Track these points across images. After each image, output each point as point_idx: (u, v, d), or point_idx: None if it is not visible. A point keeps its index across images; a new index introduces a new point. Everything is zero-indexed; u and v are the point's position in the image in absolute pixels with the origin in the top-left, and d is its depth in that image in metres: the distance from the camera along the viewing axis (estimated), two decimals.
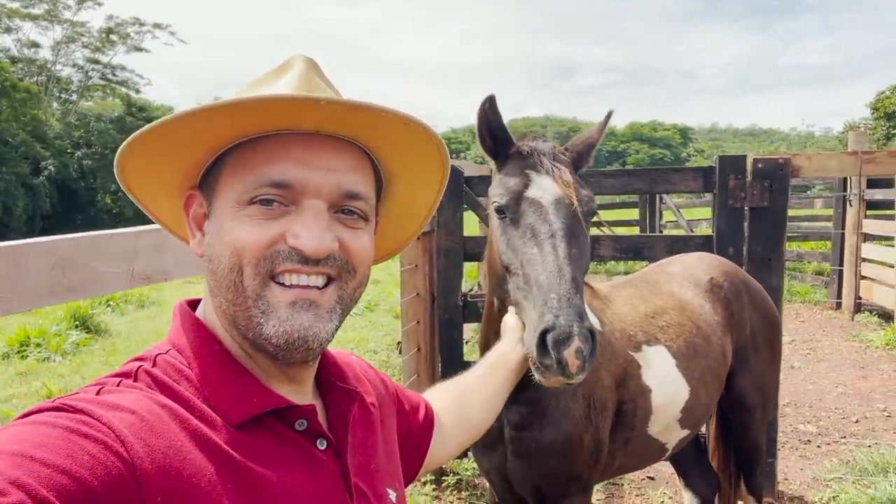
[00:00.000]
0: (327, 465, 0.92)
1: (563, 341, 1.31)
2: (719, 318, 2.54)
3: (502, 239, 1.60)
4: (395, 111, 0.89)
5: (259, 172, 0.87)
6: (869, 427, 4.95)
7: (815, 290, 10.19)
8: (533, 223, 1.54)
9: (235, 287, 0.86)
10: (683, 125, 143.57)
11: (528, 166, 1.63)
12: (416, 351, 3.96)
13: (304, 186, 0.87)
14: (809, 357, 6.94)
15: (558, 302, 1.36)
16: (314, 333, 0.87)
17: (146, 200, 1.00)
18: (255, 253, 0.85)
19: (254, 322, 0.86)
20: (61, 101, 55.92)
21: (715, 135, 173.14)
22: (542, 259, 1.47)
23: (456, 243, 3.87)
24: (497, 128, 1.67)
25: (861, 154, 3.55)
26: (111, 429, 0.71)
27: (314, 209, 0.87)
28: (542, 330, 1.35)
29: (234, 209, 0.87)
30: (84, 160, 46.93)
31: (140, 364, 0.86)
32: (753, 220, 3.58)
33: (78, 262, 1.32)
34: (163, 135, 0.86)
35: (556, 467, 1.95)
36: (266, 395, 0.88)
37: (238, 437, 0.83)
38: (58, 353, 7.53)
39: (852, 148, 8.24)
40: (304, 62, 0.96)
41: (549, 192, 1.58)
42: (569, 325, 1.32)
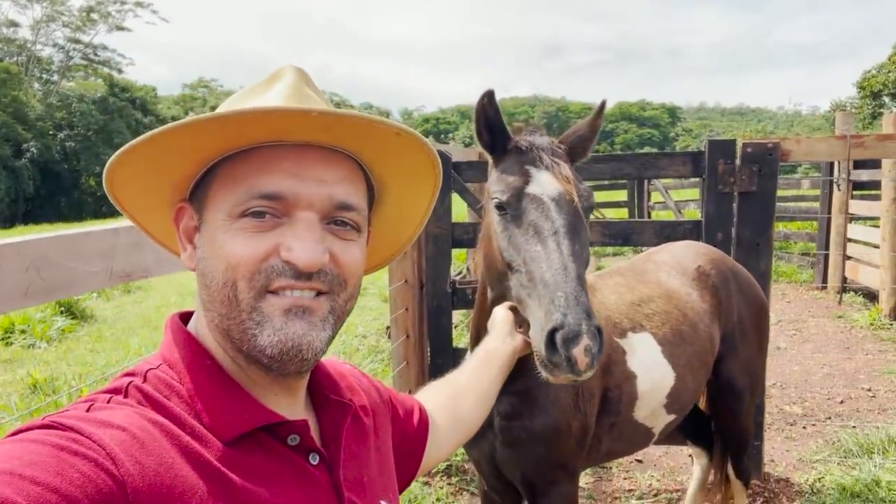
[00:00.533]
0: (320, 480, 0.91)
1: (573, 339, 1.32)
2: (707, 305, 2.56)
3: (504, 236, 1.59)
4: (387, 122, 0.89)
5: (250, 184, 0.86)
6: (854, 408, 5.01)
7: (802, 270, 10.27)
8: (535, 220, 1.54)
9: (230, 301, 0.86)
10: (672, 104, 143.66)
11: (528, 162, 1.62)
12: (405, 338, 3.94)
13: (296, 198, 0.86)
14: (795, 338, 7.00)
15: (566, 300, 1.37)
16: (308, 342, 0.87)
17: (136, 213, 0.99)
18: (249, 268, 0.85)
19: (248, 334, 0.85)
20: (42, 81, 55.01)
21: (703, 114, 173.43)
22: (547, 257, 1.47)
23: (444, 229, 3.84)
24: (495, 123, 1.66)
25: (850, 138, 3.54)
26: (101, 446, 0.71)
27: (306, 221, 0.87)
28: (551, 328, 1.35)
29: (226, 222, 0.86)
30: (67, 142, 46.27)
31: (131, 380, 0.85)
32: (742, 205, 3.58)
33: (53, 262, 1.28)
34: (152, 146, 0.85)
35: (544, 455, 1.97)
36: (258, 410, 0.88)
37: (230, 454, 0.82)
38: (43, 340, 7.47)
39: (839, 129, 8.26)
40: (294, 73, 0.96)
41: (550, 188, 1.57)
42: (577, 324, 1.33)
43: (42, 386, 5.43)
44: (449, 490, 3.79)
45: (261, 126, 0.84)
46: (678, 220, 4.29)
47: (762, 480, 3.79)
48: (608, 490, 3.83)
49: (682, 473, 3.96)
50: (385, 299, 7.71)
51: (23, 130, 44.20)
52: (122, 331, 7.96)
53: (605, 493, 3.80)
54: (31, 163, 44.17)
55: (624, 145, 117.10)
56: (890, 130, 6.88)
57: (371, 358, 6.16)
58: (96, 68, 56.64)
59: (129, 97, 53.30)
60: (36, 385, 5.45)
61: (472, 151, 6.03)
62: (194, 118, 0.81)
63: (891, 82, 34.73)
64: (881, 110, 35.18)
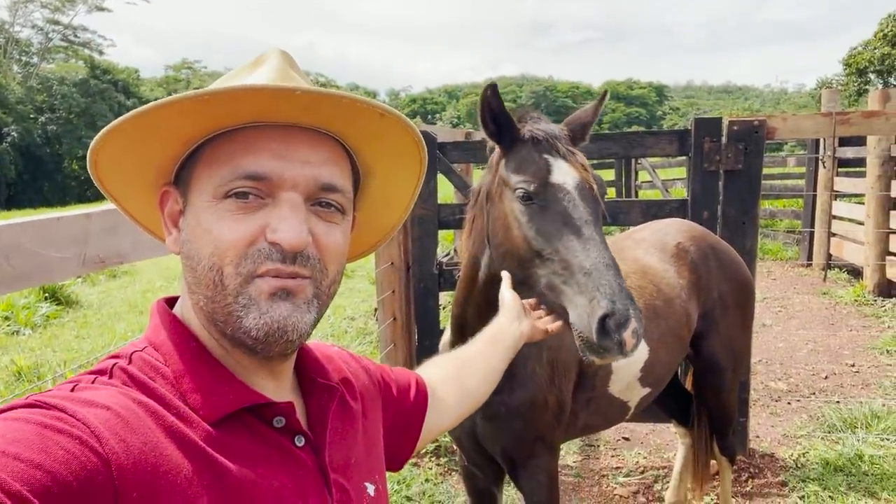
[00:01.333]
0: (305, 462, 0.91)
1: (623, 324, 1.40)
2: (684, 281, 2.60)
3: (531, 225, 1.62)
4: (371, 101, 0.88)
5: (234, 165, 0.85)
6: (838, 383, 5.07)
7: (787, 247, 10.34)
8: (565, 209, 1.58)
9: (215, 285, 0.85)
10: (659, 83, 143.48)
11: (545, 151, 1.66)
12: (393, 320, 3.93)
13: (280, 179, 0.86)
14: (780, 314, 7.06)
15: (611, 288, 1.44)
16: (293, 324, 0.86)
17: (120, 197, 0.98)
18: (236, 252, 0.85)
19: (233, 316, 0.85)
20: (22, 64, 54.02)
21: (690, 92, 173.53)
22: (584, 246, 1.52)
23: (430, 211, 3.81)
24: (500, 114, 1.69)
25: (835, 115, 3.53)
26: (86, 425, 0.71)
27: (291, 202, 0.86)
28: (603, 315, 1.42)
29: (211, 203, 0.86)
30: (48, 125, 45.54)
31: (115, 361, 0.85)
32: (728, 183, 3.57)
33: (24, 249, 1.24)
34: (136, 127, 0.84)
35: (523, 428, 2.06)
36: (243, 391, 0.88)
37: (215, 435, 0.82)
38: (27, 327, 7.38)
39: (825, 106, 8.27)
40: (279, 55, 0.96)
41: (571, 176, 1.62)
42: (626, 309, 1.41)
43: (26, 373, 5.38)
44: (438, 471, 3.80)
45: (245, 105, 0.83)
46: (665, 200, 4.29)
47: (747, 456, 3.83)
48: (595, 468, 3.86)
49: (668, 450, 4.00)
50: (373, 281, 7.71)
51: (3, 114, 43.48)
52: (107, 316, 7.90)
53: (592, 471, 3.83)
54: (13, 147, 43.49)
55: (612, 124, 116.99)
56: (875, 107, 6.89)
57: (359, 340, 6.15)
58: (77, 50, 55.69)
59: (110, 79, 52.48)
60: (20, 372, 5.40)
61: (459, 132, 5.98)
62: (178, 96, 0.80)
63: (876, 59, 34.84)
64: (867, 87, 35.34)
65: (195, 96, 0.80)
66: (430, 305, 3.95)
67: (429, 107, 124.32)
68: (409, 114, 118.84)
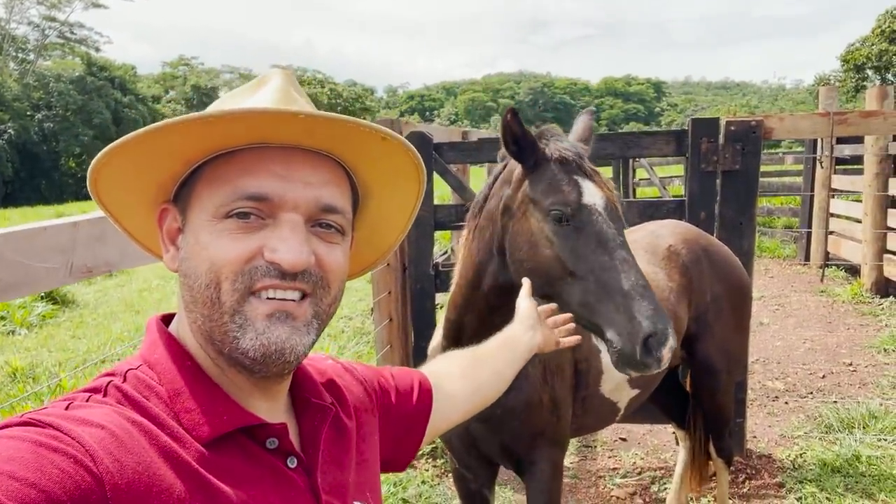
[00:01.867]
0: (297, 483, 0.91)
1: (663, 343, 1.50)
2: (674, 284, 2.61)
3: (564, 246, 1.65)
4: (373, 126, 0.89)
5: (236, 185, 0.86)
6: (835, 382, 5.06)
7: (785, 245, 10.34)
8: (599, 231, 1.62)
9: (212, 303, 0.85)
10: (657, 79, 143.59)
11: (572, 171, 1.70)
12: (389, 321, 3.91)
13: (281, 200, 0.86)
14: (778, 313, 7.06)
15: (651, 310, 1.52)
16: (291, 346, 0.87)
17: (118, 214, 0.98)
18: (233, 268, 0.85)
19: (230, 336, 0.85)
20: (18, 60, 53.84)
21: (688, 88, 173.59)
22: (621, 268, 1.58)
23: (426, 212, 3.79)
24: (522, 137, 1.72)
25: (833, 115, 3.51)
26: (81, 443, 0.71)
27: (292, 223, 0.87)
28: (646, 335, 1.50)
29: (211, 223, 0.86)
30: (45, 122, 45.40)
31: (110, 379, 0.85)
32: (725, 184, 3.56)
33: (7, 259, 1.22)
34: (138, 146, 0.85)
35: (519, 427, 2.12)
36: (237, 412, 0.88)
37: (208, 455, 0.82)
38: (23, 327, 7.36)
39: (823, 104, 8.25)
40: (281, 76, 0.97)
41: (600, 196, 1.67)
42: (665, 329, 1.51)
43: (21, 374, 5.36)
44: (434, 472, 3.79)
45: (247, 127, 0.84)
46: (662, 200, 4.28)
47: (745, 457, 3.82)
48: (592, 469, 3.86)
49: (665, 451, 3.99)
50: (370, 280, 7.68)
51: None
52: (103, 316, 7.88)
53: (589, 472, 3.82)
54: (9, 144, 43.36)
55: (609, 121, 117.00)
56: (873, 105, 6.88)
57: (356, 340, 6.14)
58: (73, 47, 55.52)
59: (107, 76, 52.30)
60: (15, 373, 5.38)
61: (455, 131, 5.95)
62: (182, 118, 0.81)
63: (874, 55, 34.84)
64: (865, 83, 35.34)
65: (200, 118, 0.81)
66: (427, 306, 3.93)
67: (426, 103, 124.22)
68: (407, 111, 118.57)
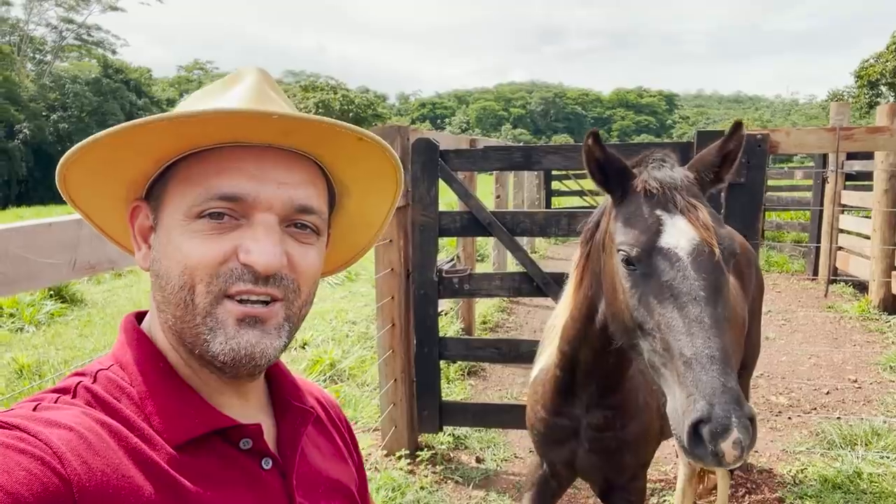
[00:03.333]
0: (272, 485, 0.90)
1: (721, 434, 1.18)
2: (740, 291, 2.62)
3: (633, 293, 1.43)
4: (349, 126, 0.87)
5: (209, 185, 0.85)
6: (839, 399, 5.03)
7: (793, 260, 10.29)
8: (671, 281, 1.36)
9: (185, 305, 0.84)
10: (669, 91, 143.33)
11: (658, 206, 1.44)
12: (391, 326, 3.92)
13: (255, 200, 0.85)
14: (784, 328, 7.02)
15: (711, 387, 1.22)
16: (261, 350, 0.86)
17: (90, 211, 0.97)
18: (207, 270, 0.84)
19: (201, 339, 0.85)
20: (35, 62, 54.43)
21: (700, 101, 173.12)
22: (688, 328, 1.30)
23: (431, 218, 3.81)
24: (606, 162, 1.53)
25: (839, 130, 3.51)
26: (48, 445, 0.70)
27: (266, 224, 0.86)
28: (696, 419, 1.21)
29: (183, 222, 0.85)
30: (60, 123, 45.83)
31: (80, 380, 0.84)
32: (730, 196, 3.56)
33: (11, 255, 1.25)
34: (108, 145, 0.84)
35: (631, 460, 1.98)
36: (209, 414, 0.87)
37: (179, 458, 0.81)
38: (31, 324, 7.42)
39: (834, 120, 8.22)
40: (256, 74, 0.95)
41: (686, 238, 1.40)
42: (727, 416, 1.18)
43: (28, 371, 5.41)
44: (433, 478, 3.79)
45: (220, 127, 0.83)
46: None
47: (745, 471, 3.80)
48: None
49: (665, 463, 3.98)
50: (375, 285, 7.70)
51: (15, 111, 43.78)
52: (111, 315, 7.93)
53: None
54: (24, 144, 43.79)
55: (621, 132, 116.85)
56: (883, 121, 6.85)
57: (361, 345, 6.15)
58: (90, 49, 56.08)
59: (123, 79, 52.79)
60: (22, 370, 5.43)
61: (463, 139, 5.98)
62: (151, 118, 0.80)
63: (888, 72, 34.65)
64: (878, 100, 35.15)
65: (167, 119, 0.80)
66: (430, 312, 3.94)
67: (438, 111, 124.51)
68: (419, 118, 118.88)
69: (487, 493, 3.66)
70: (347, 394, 4.83)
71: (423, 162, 3.76)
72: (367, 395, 4.88)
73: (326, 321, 7.02)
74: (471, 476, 3.83)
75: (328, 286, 8.83)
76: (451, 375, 5.41)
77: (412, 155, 3.76)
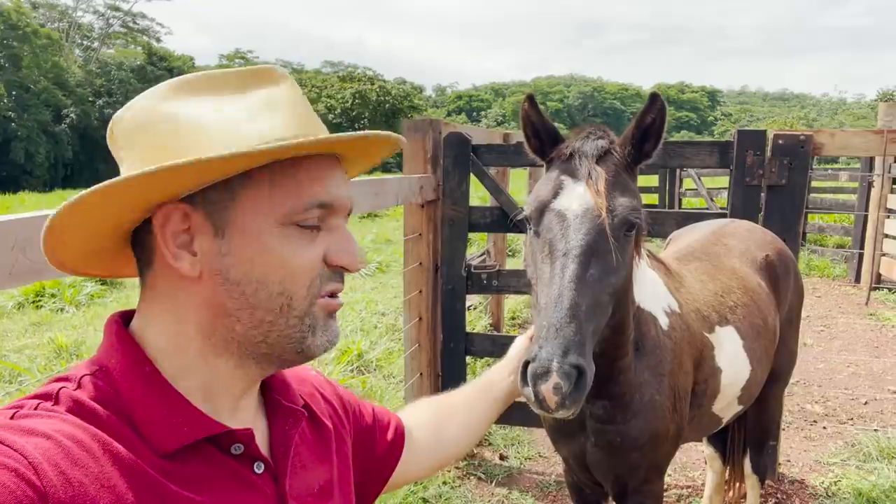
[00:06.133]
0: (264, 489, 0.89)
1: (541, 376, 1.25)
2: (773, 298, 2.54)
3: (528, 251, 1.54)
4: (397, 137, 0.96)
5: (307, 193, 0.87)
6: (878, 409, 4.87)
7: (835, 264, 10.00)
8: (552, 238, 1.45)
9: (281, 309, 0.87)
10: (712, 87, 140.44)
11: (566, 171, 1.52)
12: (418, 320, 3.92)
13: (339, 206, 0.91)
14: (823, 334, 6.83)
15: (547, 331, 1.30)
16: (338, 335, 0.95)
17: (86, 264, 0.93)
18: (308, 275, 0.88)
19: (294, 339, 0.89)
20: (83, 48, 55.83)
21: (744, 98, 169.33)
22: (550, 280, 1.39)
23: (461, 213, 3.79)
24: (541, 127, 1.59)
25: (887, 133, 3.38)
26: (24, 455, 0.67)
27: (342, 227, 0.93)
28: (525, 360, 1.30)
29: (277, 229, 0.86)
30: (105, 109, 47.02)
31: (62, 385, 0.80)
32: (770, 198, 3.46)
33: (34, 244, 1.27)
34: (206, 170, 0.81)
35: (639, 459, 1.93)
36: (199, 421, 0.84)
37: (166, 466, 0.79)
38: (72, 305, 7.65)
39: (882, 120, 7.93)
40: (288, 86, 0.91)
41: (578, 202, 1.47)
42: (548, 360, 1.26)
43: (65, 351, 5.56)
44: (457, 474, 3.79)
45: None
46: (702, 212, 4.17)
47: (776, 481, 3.71)
48: None
49: (693, 469, 3.90)
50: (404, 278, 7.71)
51: (63, 96, 45.04)
52: None
53: None
54: (71, 128, 45.06)
55: None
56: None
57: (388, 336, 6.17)
58: (135, 37, 57.31)
59: (166, 66, 53.85)
60: (60, 349, 5.58)
61: (496, 134, 5.94)
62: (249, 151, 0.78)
63: None
64: None
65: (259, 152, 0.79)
66: (458, 308, 3.93)
67: (474, 104, 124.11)
68: (455, 110, 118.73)
69: (510, 490, 3.64)
70: (373, 385, 4.85)
71: (454, 156, 3.73)
72: (393, 387, 4.90)
73: (356, 312, 7.06)
74: (494, 473, 3.82)
75: (359, 277, 8.87)
76: (478, 371, 5.39)
77: (444, 149, 3.74)
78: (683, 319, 2.03)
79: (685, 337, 2.01)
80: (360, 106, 57.98)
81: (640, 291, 1.84)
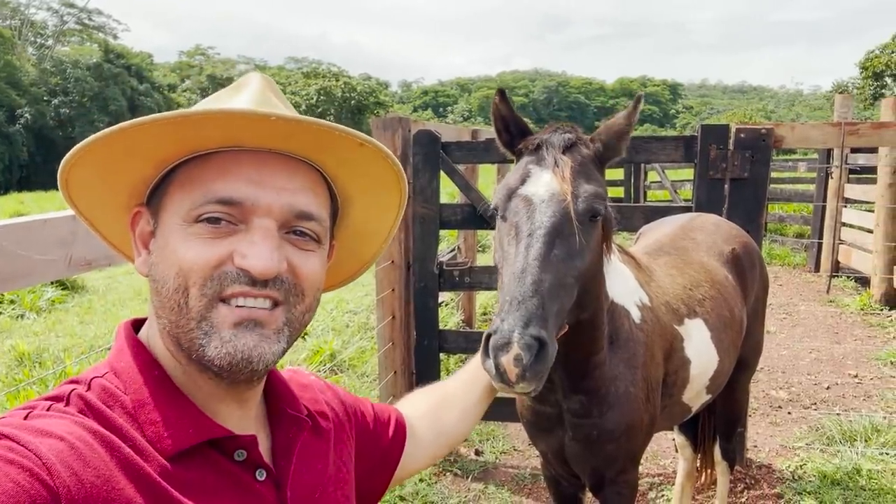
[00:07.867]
0: (266, 497, 0.90)
1: (502, 347, 1.25)
2: (739, 290, 2.61)
3: (496, 236, 1.55)
4: (349, 131, 0.86)
5: (207, 189, 0.84)
6: (840, 394, 5.02)
7: (795, 253, 10.26)
8: (518, 221, 1.48)
9: (180, 308, 0.84)
10: (673, 81, 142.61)
11: (534, 161, 1.56)
12: (391, 319, 3.92)
13: (253, 205, 0.85)
14: (785, 322, 7.01)
15: (509, 305, 1.30)
16: (259, 354, 0.85)
17: (92, 217, 0.96)
18: (201, 273, 0.83)
19: (196, 344, 0.84)
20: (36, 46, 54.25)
21: (704, 91, 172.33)
22: (514, 259, 1.41)
23: (431, 210, 3.79)
24: (511, 121, 1.62)
25: (844, 125, 3.48)
26: (38, 455, 0.69)
27: (263, 228, 0.85)
28: (487, 333, 1.29)
29: (181, 226, 0.85)
30: (61, 108, 45.78)
31: (74, 387, 0.83)
32: (733, 191, 3.53)
33: (7, 251, 1.23)
34: (109, 146, 0.83)
35: (616, 451, 1.97)
36: (204, 425, 0.86)
37: (172, 469, 0.80)
38: (32, 311, 7.43)
39: (838, 112, 8.17)
40: (260, 80, 0.94)
41: (544, 188, 1.50)
42: (510, 331, 1.25)
43: (28, 359, 5.41)
44: (433, 471, 3.80)
45: (220, 129, 0.82)
46: (668, 206, 4.25)
47: (744, 466, 3.80)
48: None
49: (664, 458, 3.98)
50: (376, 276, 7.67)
51: (17, 96, 43.69)
52: (112, 302, 7.94)
53: None
54: (25, 129, 43.76)
55: None
56: (888, 115, 6.81)
57: (360, 335, 6.15)
58: (91, 34, 55.89)
59: (124, 64, 52.62)
60: (22, 357, 5.43)
61: (465, 131, 5.94)
62: (153, 117, 0.79)
63: (893, 63, 34.47)
64: (883, 91, 34.97)
65: (170, 118, 0.79)
66: (430, 305, 3.93)
67: (440, 99, 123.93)
68: (421, 106, 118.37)
69: (486, 485, 3.67)
70: (347, 385, 4.83)
71: (424, 154, 3.73)
72: (367, 385, 4.89)
73: (326, 311, 7.01)
74: (470, 468, 3.84)
75: None
76: (451, 368, 5.41)
77: (414, 147, 3.73)
78: (654, 312, 2.08)
79: (656, 329, 2.06)
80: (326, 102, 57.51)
81: (612, 286, 1.87)
